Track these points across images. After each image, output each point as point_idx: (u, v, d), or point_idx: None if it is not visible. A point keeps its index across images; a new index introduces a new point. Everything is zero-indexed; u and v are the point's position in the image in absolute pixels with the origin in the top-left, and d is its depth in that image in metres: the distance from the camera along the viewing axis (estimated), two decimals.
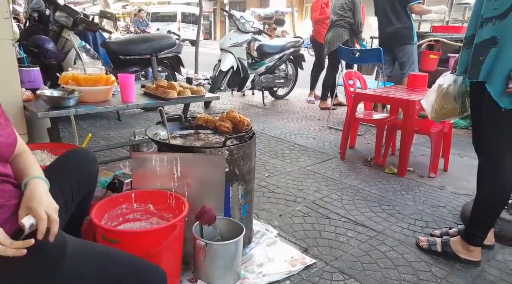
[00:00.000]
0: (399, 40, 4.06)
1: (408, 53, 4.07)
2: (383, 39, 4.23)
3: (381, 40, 4.27)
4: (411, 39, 4.06)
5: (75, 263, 1.00)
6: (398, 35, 4.04)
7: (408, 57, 4.08)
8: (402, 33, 4.02)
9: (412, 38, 4.06)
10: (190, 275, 1.63)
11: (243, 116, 1.93)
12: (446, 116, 2.07)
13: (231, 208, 1.75)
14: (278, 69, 5.52)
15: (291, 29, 19.73)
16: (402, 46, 4.07)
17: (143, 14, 14.31)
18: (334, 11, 4.86)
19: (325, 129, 4.26)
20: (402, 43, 4.06)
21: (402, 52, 4.09)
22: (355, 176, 2.88)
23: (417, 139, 3.87)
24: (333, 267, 1.76)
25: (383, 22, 4.14)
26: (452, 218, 2.29)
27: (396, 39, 4.07)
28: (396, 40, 4.07)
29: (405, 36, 4.04)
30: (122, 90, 2.15)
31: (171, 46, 4.36)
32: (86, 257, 1.03)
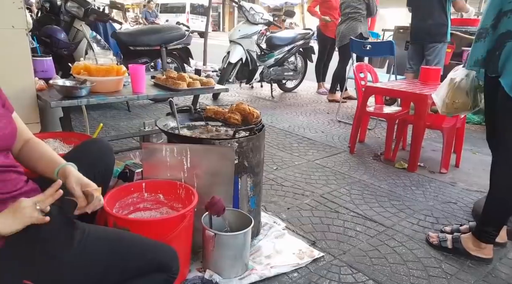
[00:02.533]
0: (432, 36, 3.94)
1: (437, 50, 3.97)
2: (415, 34, 4.11)
3: (413, 35, 4.15)
4: (445, 37, 3.96)
5: (86, 246, 1.01)
6: (432, 31, 3.92)
7: (436, 55, 3.97)
8: (436, 29, 3.90)
9: (445, 36, 3.95)
10: (199, 265, 1.64)
11: (253, 108, 1.93)
12: (457, 110, 2.04)
13: (239, 200, 1.75)
14: (287, 62, 5.48)
15: (301, 21, 19.57)
16: (434, 43, 3.96)
17: (153, 5, 14.27)
18: (347, 4, 4.79)
19: (334, 122, 4.23)
20: (434, 40, 3.95)
21: (432, 49, 3.98)
22: (364, 171, 2.86)
23: (428, 134, 3.82)
24: (341, 261, 1.75)
25: (418, 16, 4.02)
26: (463, 215, 2.26)
27: (430, 35, 3.95)
28: (430, 36, 3.95)
29: (439, 34, 3.92)
30: (133, 81, 2.15)
31: (180, 38, 4.35)
32: (97, 239, 1.05)
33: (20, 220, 0.90)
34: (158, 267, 1.08)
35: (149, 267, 1.06)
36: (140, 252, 1.06)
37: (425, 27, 3.96)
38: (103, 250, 1.03)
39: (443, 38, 3.96)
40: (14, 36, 1.84)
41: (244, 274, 1.61)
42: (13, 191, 1.02)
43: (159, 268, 1.08)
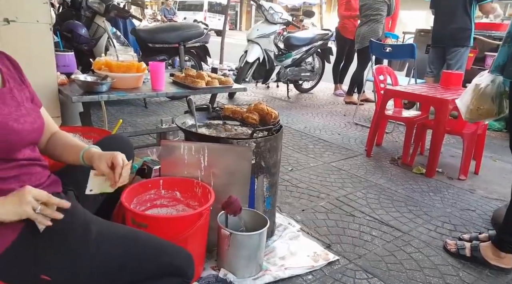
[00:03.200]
0: (455, 41, 3.86)
1: (459, 55, 3.89)
2: (437, 38, 4.03)
3: (435, 38, 4.06)
4: (468, 41, 3.87)
5: (101, 243, 1.02)
6: (456, 35, 3.84)
7: (458, 60, 3.89)
8: (459, 33, 3.82)
9: (469, 40, 3.87)
10: (213, 263, 1.64)
11: (271, 109, 1.92)
12: (481, 117, 1.99)
13: (255, 200, 1.75)
14: (305, 62, 5.45)
15: (318, 21, 19.45)
16: (456, 47, 3.88)
17: (171, 3, 14.39)
18: (369, 6, 4.71)
19: (351, 125, 4.19)
20: (457, 45, 3.87)
21: (454, 53, 3.90)
22: (381, 175, 2.82)
23: (447, 139, 3.75)
24: (357, 265, 1.73)
25: (441, 19, 3.94)
26: (482, 223, 2.21)
27: (452, 39, 3.87)
28: (452, 40, 3.88)
29: (463, 38, 3.84)
30: (153, 78, 2.17)
31: (199, 36, 4.37)
32: (112, 238, 1.05)
33: (18, 213, 0.90)
34: (173, 271, 1.06)
35: (164, 270, 1.05)
36: (156, 254, 1.06)
37: (448, 31, 3.88)
38: (119, 248, 1.03)
39: (466, 42, 3.87)
40: (38, 30, 1.87)
41: (258, 274, 1.60)
42: (37, 184, 1.04)
43: (174, 272, 1.07)
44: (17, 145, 1.02)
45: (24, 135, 1.03)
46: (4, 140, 0.97)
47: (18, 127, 1.01)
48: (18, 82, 1.13)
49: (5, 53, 1.12)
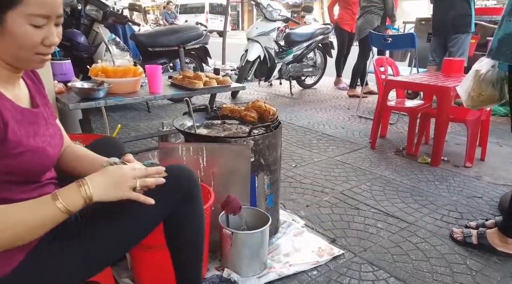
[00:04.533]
0: (456, 27, 3.82)
1: (461, 42, 3.85)
2: (438, 26, 3.98)
3: (435, 26, 4.02)
4: (469, 27, 3.83)
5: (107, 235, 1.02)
6: (456, 22, 3.80)
7: (459, 47, 3.86)
8: (461, 20, 3.79)
9: (470, 26, 3.83)
10: (217, 264, 1.65)
11: (269, 106, 1.91)
12: (483, 103, 1.96)
13: (257, 198, 1.74)
14: (306, 58, 5.43)
15: (320, 16, 19.39)
16: (457, 34, 3.84)
17: (172, 6, 14.44)
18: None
19: (355, 118, 4.17)
20: (458, 31, 3.83)
21: (455, 40, 3.86)
22: (386, 166, 2.80)
23: (452, 127, 3.70)
24: (362, 258, 1.72)
25: (441, 7, 3.90)
26: (489, 210, 2.18)
27: (453, 26, 3.83)
28: (453, 27, 3.84)
29: (463, 24, 3.80)
30: (150, 81, 2.18)
31: (198, 37, 4.38)
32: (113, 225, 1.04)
33: (120, 194, 0.90)
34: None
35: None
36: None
37: (448, 18, 3.83)
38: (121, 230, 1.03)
39: (467, 29, 3.82)
40: None
41: (262, 272, 1.60)
42: None
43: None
44: (48, 168, 1.01)
45: (55, 159, 1.01)
46: (40, 165, 0.94)
47: (51, 152, 0.97)
48: (43, 94, 1.08)
49: None
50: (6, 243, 0.81)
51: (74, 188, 0.86)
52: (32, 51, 0.88)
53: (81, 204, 0.86)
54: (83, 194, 0.85)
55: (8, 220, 0.80)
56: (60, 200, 0.83)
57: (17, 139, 0.86)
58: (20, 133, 0.88)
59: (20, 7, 0.82)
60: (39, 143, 0.93)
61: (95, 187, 0.87)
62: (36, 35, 0.86)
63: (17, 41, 0.85)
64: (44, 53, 0.90)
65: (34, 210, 0.82)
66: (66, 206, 0.83)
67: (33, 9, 0.83)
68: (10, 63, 0.89)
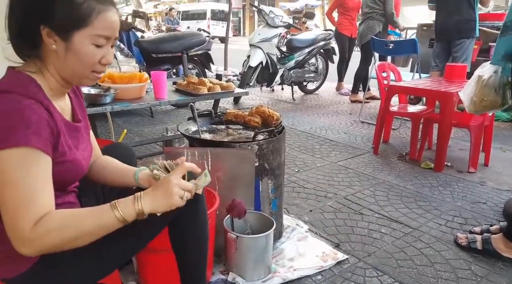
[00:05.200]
0: (460, 32, 3.81)
1: (465, 47, 3.84)
2: (441, 31, 3.96)
3: (439, 31, 4.00)
4: (473, 32, 3.83)
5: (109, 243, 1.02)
6: (460, 27, 3.79)
7: (463, 52, 3.84)
8: (465, 25, 3.78)
9: (474, 31, 3.82)
10: (222, 267, 1.65)
11: (272, 111, 1.93)
12: (485, 108, 1.97)
13: (261, 202, 1.75)
14: (308, 63, 5.46)
15: (322, 22, 19.50)
16: (461, 39, 3.83)
17: (174, 13, 14.55)
18: (365, 3, 4.76)
19: (357, 123, 4.17)
20: (462, 37, 3.82)
21: (460, 45, 3.85)
22: (389, 171, 2.80)
23: (455, 132, 3.71)
24: (366, 263, 1.72)
25: (444, 12, 3.89)
26: (494, 215, 2.18)
27: (457, 31, 3.82)
28: (457, 32, 3.82)
29: (468, 29, 3.79)
30: (155, 87, 2.20)
31: (201, 43, 4.42)
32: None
33: (169, 204, 0.94)
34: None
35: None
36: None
37: (452, 23, 3.82)
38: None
39: (472, 33, 3.82)
40: None
41: (267, 276, 1.60)
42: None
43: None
44: (78, 179, 1.05)
45: (86, 171, 1.06)
46: (74, 176, 0.98)
47: (85, 165, 1.03)
48: (83, 108, 1.12)
49: None
50: (70, 246, 0.86)
51: (130, 201, 0.92)
52: (90, 69, 0.94)
53: (134, 216, 0.91)
54: (136, 208, 0.91)
55: (77, 228, 0.86)
56: (119, 209, 0.89)
57: (63, 150, 0.92)
58: (65, 144, 0.94)
59: (88, 28, 0.89)
60: (78, 155, 0.99)
61: (146, 203, 0.92)
62: (96, 55, 0.93)
63: (79, 59, 0.91)
64: (99, 71, 0.97)
65: (95, 217, 0.88)
66: (123, 216, 0.89)
67: (99, 31, 0.90)
68: (66, 78, 0.96)
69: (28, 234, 0.80)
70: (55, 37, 0.88)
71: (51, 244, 0.83)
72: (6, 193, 0.81)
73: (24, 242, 0.81)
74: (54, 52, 0.90)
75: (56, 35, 0.88)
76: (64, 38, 0.88)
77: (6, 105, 0.82)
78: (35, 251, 0.83)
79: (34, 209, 0.82)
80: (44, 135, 0.85)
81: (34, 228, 0.81)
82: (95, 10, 0.89)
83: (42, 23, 0.87)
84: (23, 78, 0.89)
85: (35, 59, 0.93)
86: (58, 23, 0.87)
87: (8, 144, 0.80)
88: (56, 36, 0.88)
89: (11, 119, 0.81)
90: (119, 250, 1.03)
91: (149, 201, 0.92)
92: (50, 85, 0.94)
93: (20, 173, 0.81)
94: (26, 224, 0.80)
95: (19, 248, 0.81)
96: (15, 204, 0.81)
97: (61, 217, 0.85)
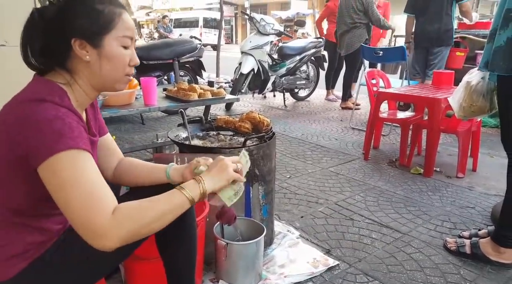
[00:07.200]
0: (439, 41, 3.90)
1: (442, 55, 3.93)
2: (422, 39, 4.03)
3: (420, 39, 4.06)
4: (451, 40, 3.93)
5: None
6: (440, 35, 3.87)
7: (440, 60, 3.93)
8: (444, 33, 3.86)
9: (451, 39, 3.92)
10: (212, 275, 1.64)
11: (263, 117, 1.93)
12: (474, 114, 2.01)
13: (251, 209, 1.74)
14: (299, 71, 5.50)
15: (313, 30, 19.68)
16: (440, 47, 3.91)
17: (167, 21, 14.57)
18: (347, 14, 4.78)
19: (348, 129, 4.20)
20: (440, 44, 3.91)
21: (437, 53, 3.93)
22: (379, 177, 2.82)
23: (444, 138, 3.75)
24: (357, 269, 1.72)
25: (425, 20, 3.95)
26: (482, 219, 2.20)
27: (436, 40, 3.90)
28: (436, 40, 3.90)
29: (446, 38, 3.89)
30: (145, 94, 2.19)
31: (192, 51, 4.43)
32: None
33: (226, 178, 1.01)
34: None
35: None
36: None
37: (433, 31, 3.89)
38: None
39: (450, 41, 3.93)
40: None
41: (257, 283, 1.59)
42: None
43: None
44: None
45: None
46: None
47: None
48: (98, 120, 1.15)
49: None
50: (145, 232, 0.88)
51: (194, 183, 0.98)
52: (123, 71, 0.99)
53: (198, 195, 0.96)
54: (200, 189, 0.97)
55: (156, 213, 0.89)
56: (187, 190, 0.94)
57: None
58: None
59: (114, 31, 0.94)
60: None
61: (207, 183, 0.99)
62: (126, 56, 0.98)
63: (113, 63, 0.96)
64: (130, 74, 1.02)
65: (166, 201, 0.92)
66: (192, 195, 0.95)
67: (124, 31, 0.95)
68: (99, 86, 1.00)
69: (108, 225, 0.81)
70: (87, 47, 0.92)
71: (131, 231, 0.84)
72: (69, 194, 0.81)
73: (106, 234, 0.81)
74: (86, 64, 0.94)
75: (88, 44, 0.92)
76: (96, 44, 0.92)
77: (46, 113, 0.83)
78: (117, 241, 0.83)
79: (105, 201, 0.84)
80: (86, 137, 0.89)
81: (112, 218, 0.82)
82: (116, 13, 0.94)
83: (72, 37, 0.91)
84: (56, 88, 0.91)
85: (62, 72, 0.95)
86: (87, 32, 0.91)
87: (59, 149, 0.81)
88: (88, 45, 0.92)
89: (56, 125, 0.83)
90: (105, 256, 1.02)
91: (209, 180, 0.99)
92: (76, 97, 0.97)
93: (77, 172, 0.83)
94: (103, 216, 0.81)
95: (100, 242, 0.82)
96: (83, 201, 0.81)
97: (134, 204, 0.87)
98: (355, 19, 4.72)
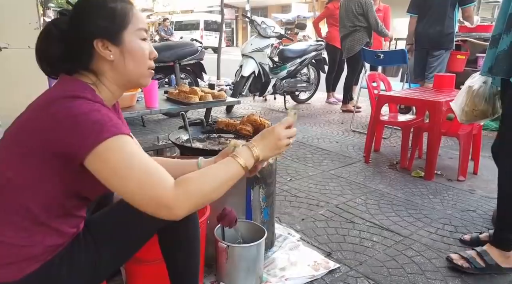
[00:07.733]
0: (441, 43, 3.87)
1: (442, 57, 3.91)
2: (423, 41, 4.00)
3: (421, 41, 4.03)
4: (452, 44, 3.91)
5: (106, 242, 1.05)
6: (442, 38, 3.85)
7: (440, 63, 3.91)
8: (445, 36, 3.84)
9: (452, 43, 3.91)
10: (212, 278, 1.63)
11: (264, 119, 1.93)
12: (476, 118, 2.01)
13: (252, 211, 1.74)
14: (300, 73, 5.51)
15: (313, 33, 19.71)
16: (440, 50, 3.89)
17: (168, 23, 14.63)
18: (348, 18, 4.80)
19: (349, 132, 4.20)
20: (441, 47, 3.88)
21: (438, 56, 3.91)
22: (380, 180, 2.82)
23: (445, 141, 3.75)
24: (358, 272, 1.72)
25: (426, 22, 3.92)
26: (483, 223, 2.19)
27: (437, 42, 3.88)
28: (437, 43, 3.88)
29: (447, 41, 3.86)
30: (146, 96, 2.20)
31: (193, 53, 4.44)
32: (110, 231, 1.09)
33: (276, 152, 1.03)
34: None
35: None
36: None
37: (434, 33, 3.87)
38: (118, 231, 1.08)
39: (450, 45, 3.90)
40: (30, 55, 1.90)
41: None
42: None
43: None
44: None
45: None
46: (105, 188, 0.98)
47: None
48: (119, 118, 1.15)
49: None
50: (208, 199, 0.91)
51: (247, 150, 0.99)
52: (146, 65, 1.01)
53: (253, 162, 0.99)
54: (254, 155, 0.98)
55: (213, 179, 0.91)
56: (241, 158, 0.96)
57: None
58: None
59: (130, 25, 0.97)
60: None
61: (260, 150, 1.00)
62: (145, 49, 1.00)
63: (136, 57, 0.98)
64: (152, 67, 1.04)
65: (224, 169, 0.94)
66: (245, 162, 0.96)
67: (139, 24, 0.98)
68: (125, 83, 1.01)
69: (173, 195, 0.83)
70: (110, 47, 0.95)
71: (196, 198, 0.87)
72: (127, 176, 0.83)
73: (174, 205, 0.83)
74: (110, 63, 0.96)
75: (110, 43, 0.94)
76: (118, 41, 0.95)
77: (82, 107, 0.85)
78: (186, 209, 0.85)
79: (164, 175, 0.85)
80: (125, 124, 0.93)
81: (176, 189, 0.84)
82: (128, 8, 0.97)
83: (94, 38, 0.93)
84: (86, 87, 0.94)
85: (87, 74, 0.97)
86: (108, 30, 0.94)
87: (105, 136, 0.83)
88: (110, 44, 0.95)
89: (94, 116, 0.84)
90: (110, 259, 1.02)
91: (261, 148, 1.00)
92: (103, 97, 0.98)
93: (128, 155, 0.84)
94: (167, 189, 0.83)
95: (170, 213, 0.84)
96: (142, 180, 0.83)
97: (194, 175, 0.89)
98: (355, 22, 4.74)
